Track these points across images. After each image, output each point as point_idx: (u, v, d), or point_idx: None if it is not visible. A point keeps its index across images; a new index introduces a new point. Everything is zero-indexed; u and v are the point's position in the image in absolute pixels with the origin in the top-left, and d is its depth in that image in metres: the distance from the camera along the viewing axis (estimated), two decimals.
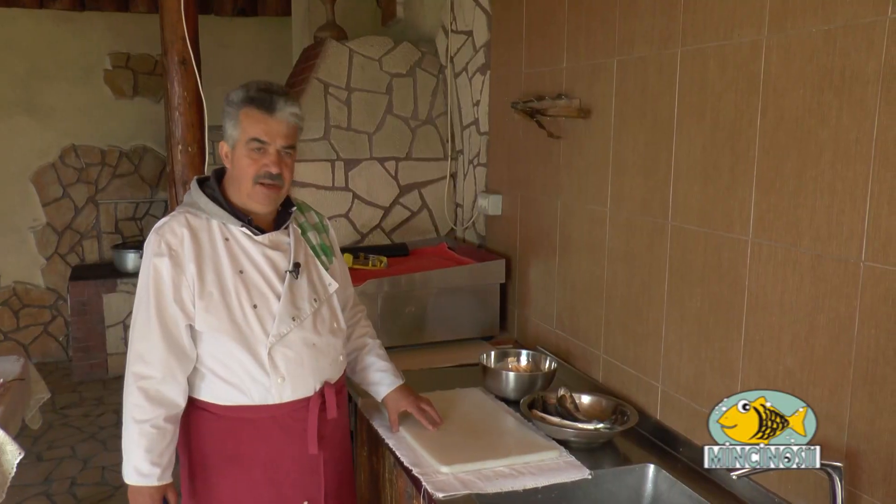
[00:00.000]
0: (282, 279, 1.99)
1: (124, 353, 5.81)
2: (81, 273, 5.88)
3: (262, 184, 1.95)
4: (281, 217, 2.08)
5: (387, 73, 3.73)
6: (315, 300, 2.05)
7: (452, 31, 3.71)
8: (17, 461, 2.71)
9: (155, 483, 1.90)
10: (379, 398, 2.26)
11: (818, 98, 1.64)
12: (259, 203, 1.98)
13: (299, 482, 2.07)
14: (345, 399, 2.22)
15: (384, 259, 3.23)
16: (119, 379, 5.69)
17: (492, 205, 3.28)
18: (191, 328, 1.94)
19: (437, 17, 3.91)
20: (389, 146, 3.73)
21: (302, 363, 2.00)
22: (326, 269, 2.12)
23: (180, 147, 3.46)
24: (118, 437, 1.94)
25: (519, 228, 3.13)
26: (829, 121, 1.61)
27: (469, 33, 3.54)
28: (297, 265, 2.02)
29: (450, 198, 3.85)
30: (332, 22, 4.28)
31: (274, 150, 1.94)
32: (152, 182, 6.40)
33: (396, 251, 3.48)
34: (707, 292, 2.01)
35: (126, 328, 5.78)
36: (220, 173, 2.07)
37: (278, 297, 1.97)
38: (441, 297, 3.07)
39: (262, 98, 1.93)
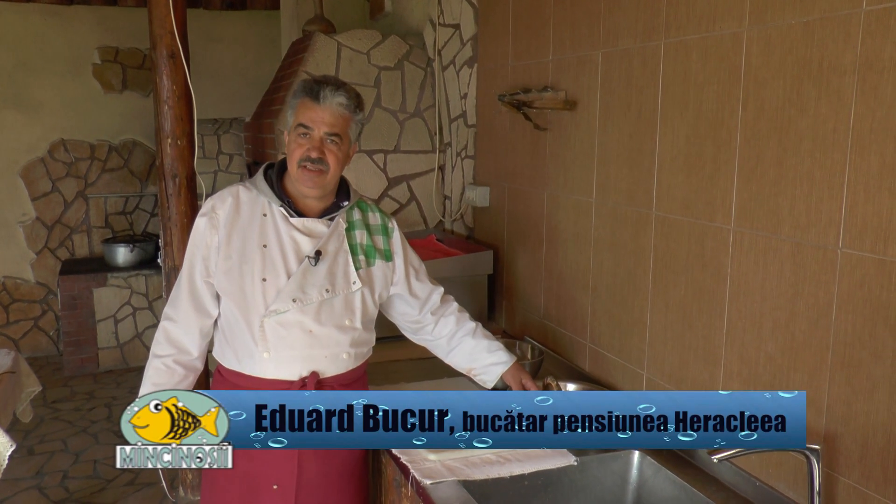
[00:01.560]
0: (299, 261, 2.06)
1: (115, 348, 5.89)
2: (72, 267, 5.88)
3: (304, 167, 2.02)
4: (330, 210, 2.14)
5: (375, 66, 3.74)
6: (327, 290, 2.06)
7: (440, 24, 3.73)
8: (9, 453, 2.72)
9: None
10: (495, 376, 2.25)
11: (797, 88, 1.67)
12: (304, 185, 2.05)
13: (271, 464, 2.07)
14: None
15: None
16: (110, 373, 5.73)
17: (479, 196, 3.30)
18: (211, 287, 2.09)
19: (425, 11, 3.93)
20: (378, 139, 3.75)
21: (292, 346, 2.03)
22: (357, 269, 2.12)
23: (169, 140, 3.47)
24: (110, 430, 2.01)
25: (506, 220, 3.15)
26: (808, 111, 1.64)
27: (456, 27, 3.56)
28: (318, 253, 2.06)
29: (438, 190, 3.87)
30: (320, 16, 4.29)
31: (318, 136, 2.02)
32: (142, 176, 6.39)
33: None
34: (691, 281, 2.05)
35: (117, 322, 5.79)
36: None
37: (289, 277, 2.04)
38: None
39: (312, 88, 2.04)
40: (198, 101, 3.49)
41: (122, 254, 5.83)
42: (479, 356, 2.27)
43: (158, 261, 3.83)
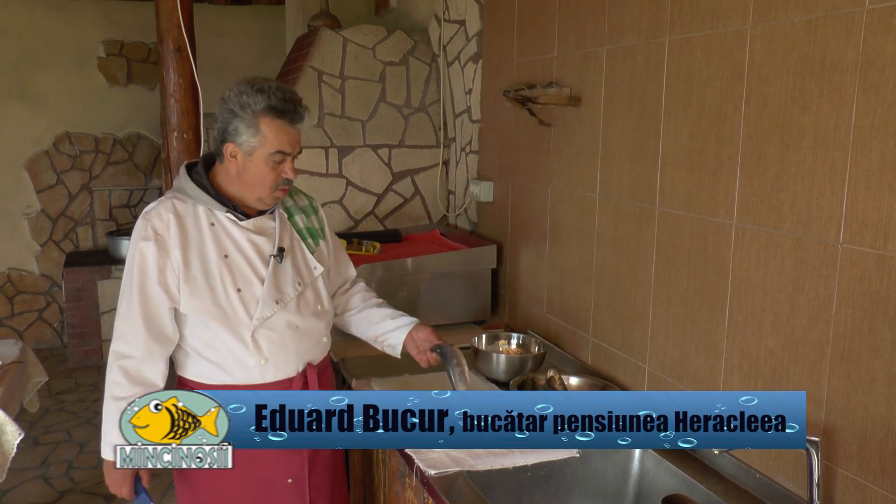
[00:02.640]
0: (266, 264, 2.02)
1: None
2: (76, 260, 5.91)
3: (280, 189, 2.00)
4: None
5: (380, 61, 3.76)
6: (299, 283, 2.07)
7: (445, 20, 3.75)
8: (17, 441, 2.75)
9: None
10: (400, 342, 2.22)
11: (800, 86, 1.69)
12: (269, 206, 2.04)
13: (283, 460, 2.10)
14: (330, 379, 2.26)
15: (377, 245, 3.27)
16: None
17: (483, 191, 3.32)
18: (175, 311, 1.99)
19: (430, 7, 3.94)
20: (382, 134, 3.77)
21: (285, 345, 2.04)
22: (312, 253, 2.14)
23: (176, 134, 3.50)
24: None
25: (510, 215, 3.17)
26: (810, 108, 1.66)
27: (462, 22, 3.58)
28: (281, 250, 2.04)
29: (442, 185, 3.89)
30: (325, 11, 4.31)
31: (291, 158, 1.99)
32: (146, 169, 6.42)
33: (389, 237, 3.52)
34: (693, 275, 2.07)
35: None
36: (208, 159, 2.09)
37: (262, 282, 2.01)
38: (433, 283, 3.12)
39: (287, 109, 1.93)
40: (203, 95, 3.51)
41: (126, 247, 5.81)
42: (383, 323, 2.25)
43: None
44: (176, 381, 2.11)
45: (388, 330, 2.25)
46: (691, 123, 2.04)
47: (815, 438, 1.59)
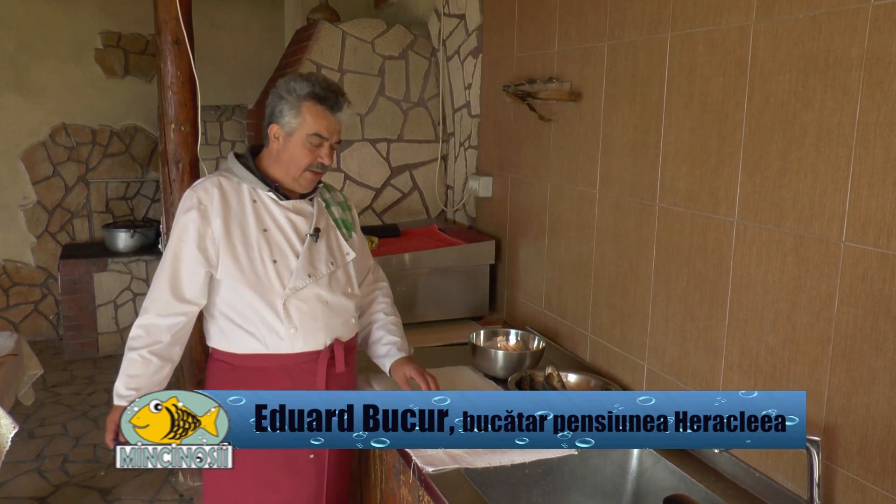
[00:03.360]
0: (302, 241, 2.14)
1: (115, 333, 5.89)
2: (72, 252, 5.88)
3: (311, 171, 2.13)
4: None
5: (379, 55, 3.74)
6: (332, 263, 2.19)
7: (445, 14, 3.73)
8: (12, 435, 2.73)
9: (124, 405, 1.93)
10: (385, 370, 2.33)
11: (803, 82, 1.68)
12: (303, 187, 2.16)
13: None
14: (354, 358, 2.33)
15: (375, 239, 3.26)
16: (110, 358, 5.73)
17: (482, 187, 3.31)
18: (211, 279, 2.10)
19: (430, 1, 3.92)
20: (381, 128, 3.76)
21: (315, 317, 2.13)
22: (346, 241, 2.26)
23: (173, 126, 3.48)
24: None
25: (509, 210, 3.16)
26: (814, 104, 1.65)
27: (461, 17, 3.56)
28: (317, 230, 2.17)
29: (441, 179, 3.87)
30: (325, 4, 4.29)
31: (329, 144, 2.12)
32: (143, 162, 6.38)
33: (387, 232, 3.51)
34: (693, 272, 2.06)
35: (117, 307, 5.79)
36: (255, 148, 2.24)
37: (297, 256, 2.12)
38: (431, 278, 3.11)
39: (328, 97, 2.09)
40: (201, 88, 3.49)
41: (123, 239, 5.83)
42: (374, 348, 2.37)
43: (159, 246, 3.84)
44: (208, 354, 2.24)
45: (379, 355, 2.37)
46: (693, 119, 2.03)
47: (816, 438, 1.59)
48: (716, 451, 1.60)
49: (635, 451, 2.10)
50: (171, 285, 2.08)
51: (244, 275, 2.07)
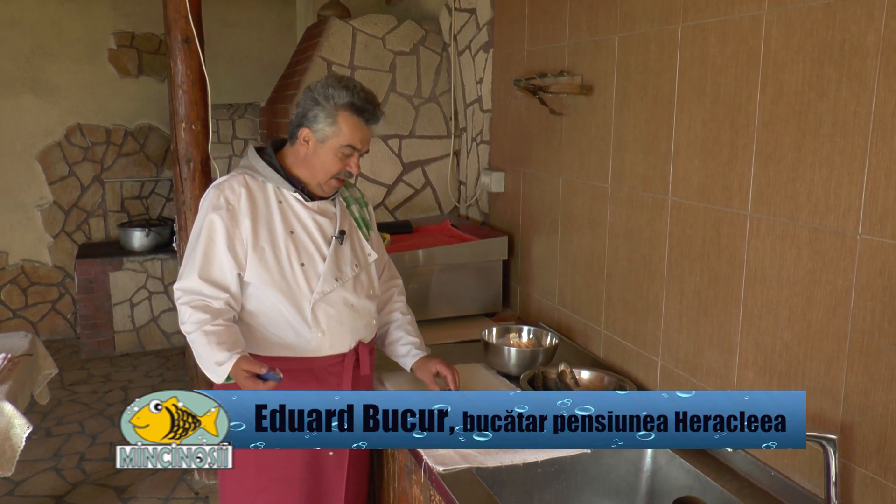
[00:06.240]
0: (328, 243, 2.12)
1: (131, 331, 5.92)
2: (88, 251, 5.91)
3: (337, 178, 2.11)
4: None
5: (390, 51, 3.73)
6: (356, 265, 2.18)
7: (456, 9, 3.70)
8: (26, 435, 2.74)
9: (238, 357, 1.93)
10: (407, 368, 2.33)
11: (818, 72, 1.64)
12: (325, 192, 2.14)
13: None
14: (374, 359, 2.32)
15: (388, 236, 3.24)
16: (125, 357, 5.77)
17: (495, 182, 3.29)
18: (239, 279, 2.05)
19: None
20: (393, 124, 3.74)
21: (341, 321, 2.12)
22: (367, 240, 2.25)
23: (184, 125, 3.47)
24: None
25: (521, 205, 3.13)
26: (829, 94, 1.61)
27: (472, 11, 3.53)
28: (342, 232, 2.15)
29: (453, 175, 3.85)
30: (335, 0, 4.27)
31: (359, 154, 2.11)
32: (157, 161, 6.41)
33: (400, 228, 3.49)
34: (706, 267, 2.02)
35: (133, 306, 5.81)
36: (277, 143, 2.19)
37: (324, 259, 2.10)
38: (444, 274, 3.09)
39: (367, 109, 2.06)
40: (213, 86, 3.49)
41: (138, 238, 5.85)
42: (393, 348, 2.37)
43: (174, 245, 3.84)
44: None
45: (400, 355, 2.36)
46: (705, 112, 1.99)
47: (833, 436, 1.55)
48: (729, 449, 1.56)
49: (649, 450, 2.07)
50: (204, 278, 2.00)
51: (272, 277, 2.04)
